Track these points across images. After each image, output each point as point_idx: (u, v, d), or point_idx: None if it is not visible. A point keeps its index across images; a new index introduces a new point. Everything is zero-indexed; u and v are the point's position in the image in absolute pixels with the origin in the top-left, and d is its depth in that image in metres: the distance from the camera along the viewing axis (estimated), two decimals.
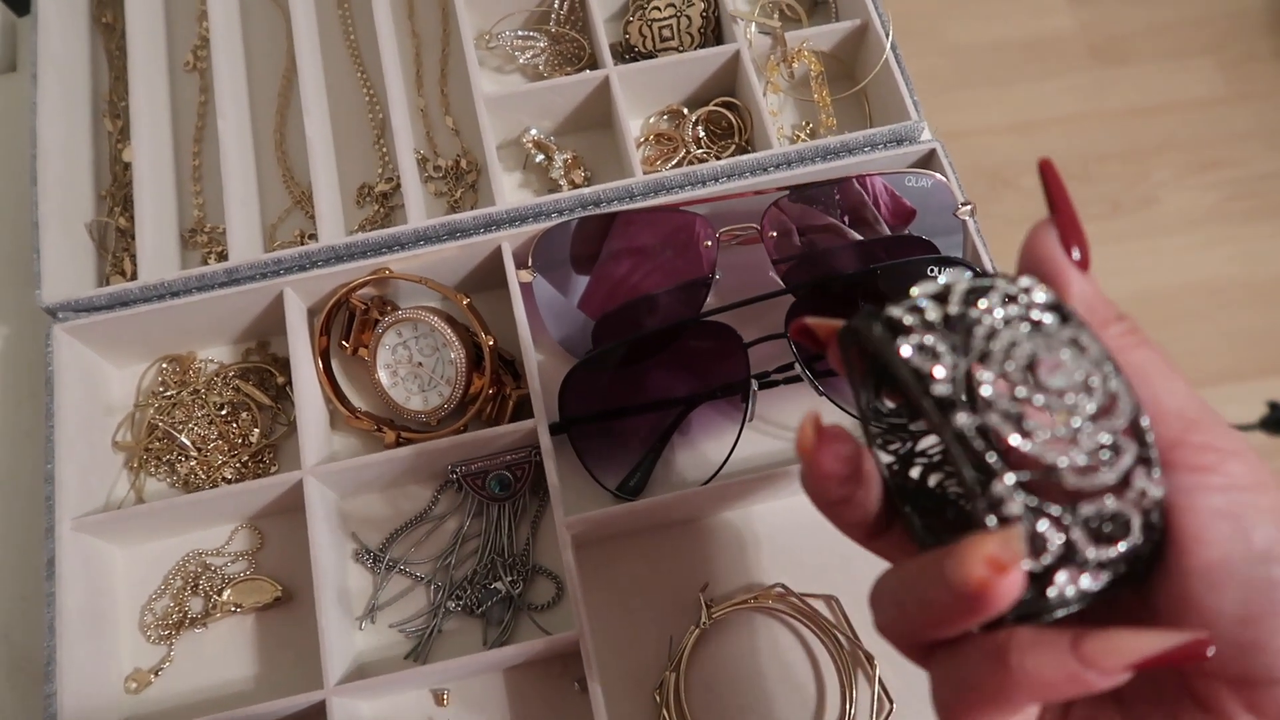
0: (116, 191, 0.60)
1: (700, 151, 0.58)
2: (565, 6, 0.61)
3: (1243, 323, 1.55)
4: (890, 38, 0.56)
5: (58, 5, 0.60)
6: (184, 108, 0.63)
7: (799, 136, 0.60)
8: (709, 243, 0.52)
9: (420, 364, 0.53)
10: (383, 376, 0.53)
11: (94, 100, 0.62)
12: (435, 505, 0.53)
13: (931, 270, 0.48)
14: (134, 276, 0.57)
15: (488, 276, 0.55)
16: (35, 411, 0.56)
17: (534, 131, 0.59)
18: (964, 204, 0.51)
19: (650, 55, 0.61)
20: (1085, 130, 1.71)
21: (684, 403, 0.52)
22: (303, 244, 0.58)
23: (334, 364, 0.54)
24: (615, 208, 0.53)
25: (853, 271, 0.50)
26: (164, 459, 0.53)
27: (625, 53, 0.62)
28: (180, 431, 0.53)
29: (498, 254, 0.53)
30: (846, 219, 0.52)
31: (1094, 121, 1.73)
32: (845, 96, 0.59)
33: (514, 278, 0.52)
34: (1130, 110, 1.74)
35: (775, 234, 0.51)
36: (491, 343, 0.51)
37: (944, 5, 1.81)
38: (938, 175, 0.51)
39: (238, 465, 0.53)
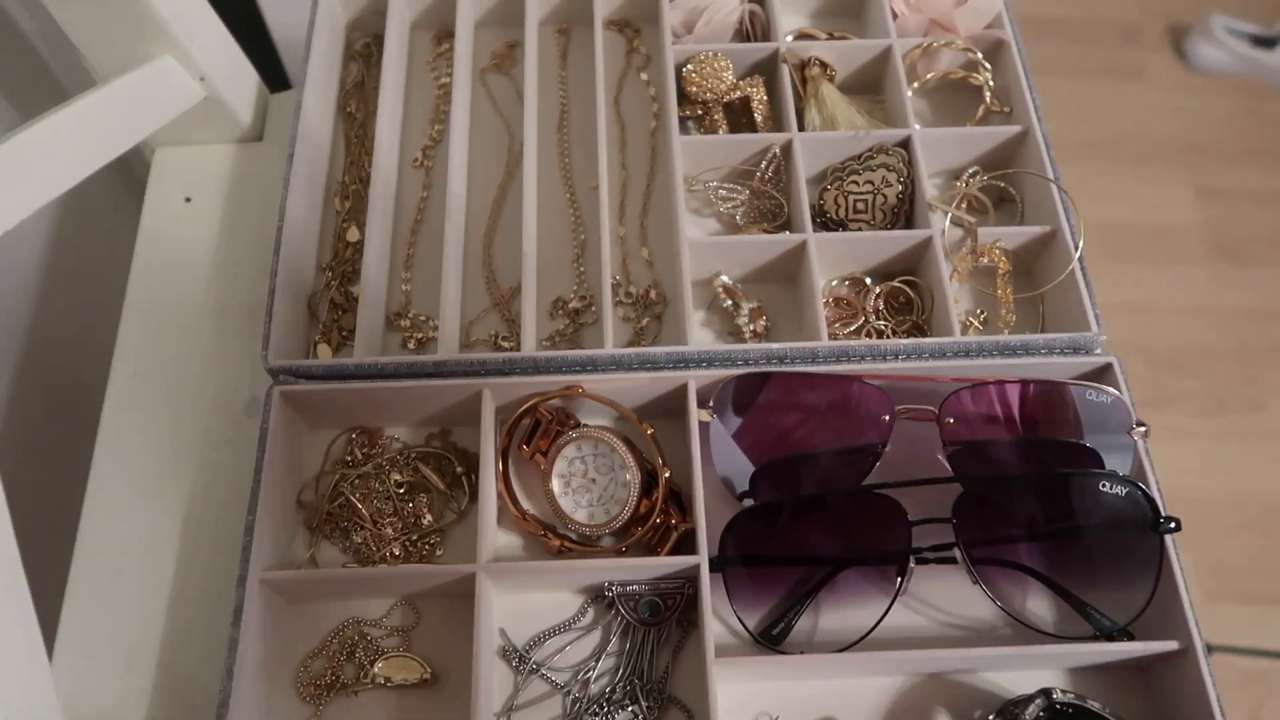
0: (336, 266, 0.65)
1: (880, 323, 0.62)
2: (771, 169, 0.65)
3: None
4: (1080, 250, 0.59)
5: (317, 95, 0.67)
6: (406, 200, 0.68)
7: (971, 323, 0.62)
8: (886, 417, 0.54)
9: (594, 480, 0.56)
10: (555, 485, 0.56)
11: (328, 180, 0.68)
12: (583, 616, 0.55)
13: (1104, 485, 0.50)
14: (339, 347, 0.62)
15: (665, 407, 0.58)
16: (233, 456, 0.60)
17: (724, 277, 0.63)
18: (1138, 424, 0.53)
19: (840, 223, 0.65)
20: (1197, 323, 1.72)
21: (837, 563, 0.54)
22: (496, 345, 0.62)
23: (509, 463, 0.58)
24: (799, 366, 0.56)
25: (1022, 474, 0.52)
26: (340, 525, 0.56)
27: (817, 216, 0.66)
28: (360, 499, 0.56)
29: (682, 389, 0.57)
30: (1021, 418, 0.54)
31: (1208, 316, 1.73)
32: (1027, 297, 0.62)
33: (695, 415, 0.55)
34: (1245, 312, 1.74)
35: (951, 420, 0.54)
36: (668, 474, 0.54)
37: (1074, 179, 1.84)
38: (1116, 392, 0.54)
39: (406, 544, 0.56)
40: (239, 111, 0.70)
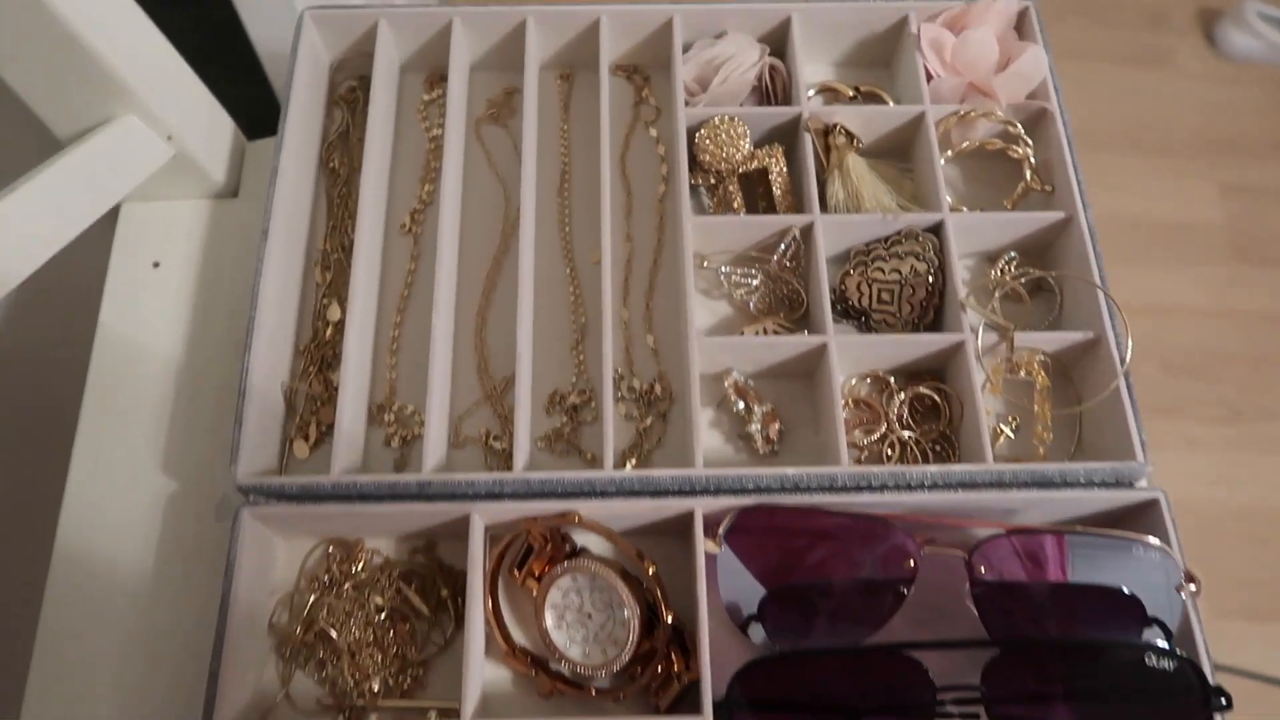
0: (314, 350, 0.60)
1: (904, 433, 0.57)
2: (790, 253, 0.60)
3: None
4: (1126, 364, 0.54)
5: (295, 156, 0.60)
6: (393, 272, 0.63)
7: (1002, 431, 0.57)
8: (911, 562, 0.50)
9: (590, 615, 0.51)
10: (548, 617, 0.52)
11: (308, 248, 0.63)
12: None
13: (1149, 658, 0.46)
14: (317, 444, 0.57)
15: (669, 527, 0.54)
16: (200, 565, 0.55)
17: (736, 374, 0.58)
18: (1188, 578, 0.49)
19: (863, 312, 0.60)
20: (1214, 325, 1.67)
21: (851, 715, 0.50)
22: (487, 444, 0.57)
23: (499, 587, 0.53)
24: (816, 496, 0.52)
25: (1061, 641, 0.48)
26: (316, 655, 0.52)
27: (837, 301, 0.60)
28: (338, 628, 0.52)
29: (688, 515, 0.52)
30: (1056, 568, 0.50)
31: (1225, 319, 1.68)
32: (1065, 413, 0.57)
33: (701, 548, 0.51)
34: (1264, 315, 1.69)
35: (982, 568, 0.49)
36: (670, 619, 0.50)
37: (1094, 172, 1.77)
38: (1165, 547, 0.49)
39: (387, 677, 0.52)
40: (211, 168, 0.64)
